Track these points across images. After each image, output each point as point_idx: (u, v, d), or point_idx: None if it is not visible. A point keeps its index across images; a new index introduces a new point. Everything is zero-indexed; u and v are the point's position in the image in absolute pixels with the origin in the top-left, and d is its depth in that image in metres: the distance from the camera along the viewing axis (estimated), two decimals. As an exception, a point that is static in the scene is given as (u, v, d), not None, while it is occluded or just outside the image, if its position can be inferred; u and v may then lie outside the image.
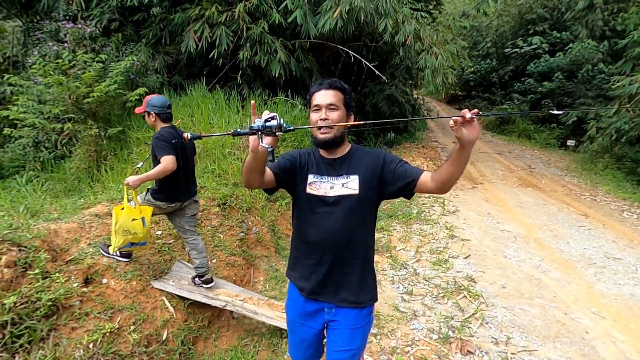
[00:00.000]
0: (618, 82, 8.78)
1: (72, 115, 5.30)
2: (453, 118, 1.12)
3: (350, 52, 7.24)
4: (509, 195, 6.55)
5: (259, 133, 1.09)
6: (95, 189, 4.87)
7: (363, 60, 7.30)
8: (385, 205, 5.45)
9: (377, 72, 7.07)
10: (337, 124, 1.34)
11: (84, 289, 2.11)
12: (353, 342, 1.43)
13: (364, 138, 9.96)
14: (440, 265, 3.56)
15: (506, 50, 17.27)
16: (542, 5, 16.53)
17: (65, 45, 5.88)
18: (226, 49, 6.35)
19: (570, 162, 10.49)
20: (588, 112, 11.35)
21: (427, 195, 6.15)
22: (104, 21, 6.48)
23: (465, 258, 3.81)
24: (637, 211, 6.03)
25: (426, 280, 3.27)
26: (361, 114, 10.57)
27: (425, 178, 1.33)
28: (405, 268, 3.48)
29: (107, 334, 1.94)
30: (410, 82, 12.14)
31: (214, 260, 3.13)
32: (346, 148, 1.45)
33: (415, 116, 12.98)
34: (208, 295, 2.49)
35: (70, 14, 6.51)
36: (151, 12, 6.69)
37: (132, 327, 2.09)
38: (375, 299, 1.48)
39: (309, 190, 1.40)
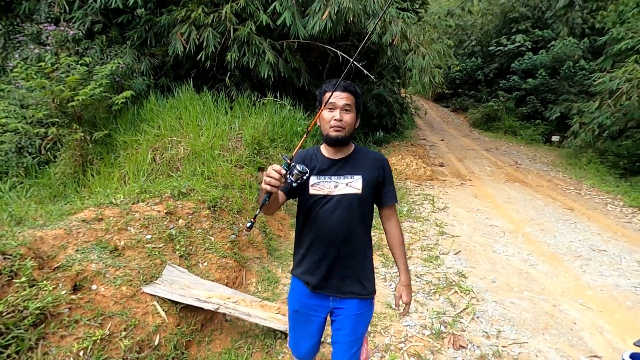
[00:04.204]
0: (599, 78, 9.00)
1: (56, 120, 5.19)
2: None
3: (338, 52, 7.26)
4: (497, 191, 6.65)
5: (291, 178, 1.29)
6: (82, 194, 4.78)
7: (351, 59, 7.32)
8: (375, 204, 5.49)
9: (365, 71, 7.11)
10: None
11: (73, 296, 2.07)
12: (358, 328, 1.55)
13: (353, 137, 9.99)
14: (431, 262, 3.60)
15: (491, 48, 17.55)
16: (524, 4, 16.84)
17: (48, 48, 5.75)
18: (213, 50, 6.30)
19: (555, 157, 10.71)
20: (571, 108, 11.60)
21: (417, 193, 6.22)
22: (87, 23, 6.37)
23: (455, 254, 3.86)
24: (620, 204, 6.19)
25: (418, 277, 3.30)
26: (350, 114, 10.61)
27: (385, 212, 1.61)
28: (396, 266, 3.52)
29: (98, 341, 1.91)
30: (398, 81, 12.23)
31: (205, 263, 3.11)
32: (350, 148, 1.56)
33: (404, 115, 13.09)
34: (200, 298, 2.47)
35: (52, 16, 6.38)
36: (136, 14, 6.60)
37: (123, 334, 2.06)
38: (375, 291, 1.61)
39: (312, 191, 1.49)
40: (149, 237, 3.00)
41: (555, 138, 12.79)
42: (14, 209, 3.68)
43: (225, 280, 3.08)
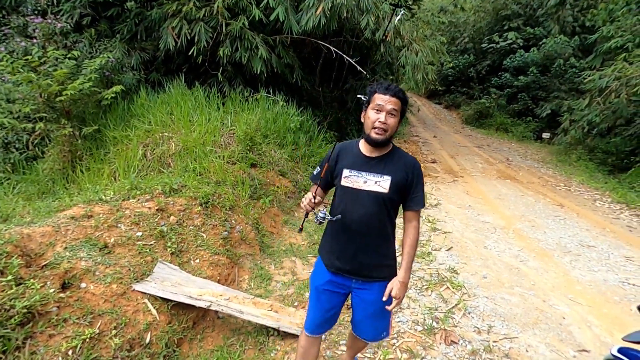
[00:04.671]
0: (589, 76, 9.11)
1: (44, 115, 5.09)
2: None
3: (331, 48, 7.22)
4: (489, 188, 6.71)
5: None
6: (71, 191, 4.70)
7: (344, 55, 7.30)
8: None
9: (358, 67, 7.08)
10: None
11: (61, 295, 2.04)
12: (376, 305, 1.69)
13: (346, 133, 9.99)
14: (423, 258, 3.62)
15: (483, 45, 17.64)
16: (515, 2, 16.94)
17: (35, 41, 5.62)
18: (205, 45, 6.22)
19: (545, 154, 10.84)
20: (562, 105, 11.73)
21: (409, 189, 6.24)
22: (76, 16, 6.23)
23: (447, 250, 3.88)
24: (608, 200, 6.30)
25: (410, 273, 3.32)
26: (343, 109, 10.60)
27: (408, 215, 1.69)
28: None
29: (87, 339, 1.88)
30: (392, 77, 12.23)
31: (197, 260, 3.08)
32: (387, 149, 1.65)
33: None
34: (192, 295, 2.45)
35: (39, 8, 6.23)
36: (125, 7, 6.47)
37: (114, 332, 2.04)
38: (396, 273, 1.70)
39: (343, 182, 1.64)
40: (139, 234, 2.96)
41: (545, 135, 12.94)
42: (0, 206, 3.60)
43: (218, 278, 3.05)
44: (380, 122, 1.52)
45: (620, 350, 1.48)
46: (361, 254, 1.65)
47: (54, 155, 5.53)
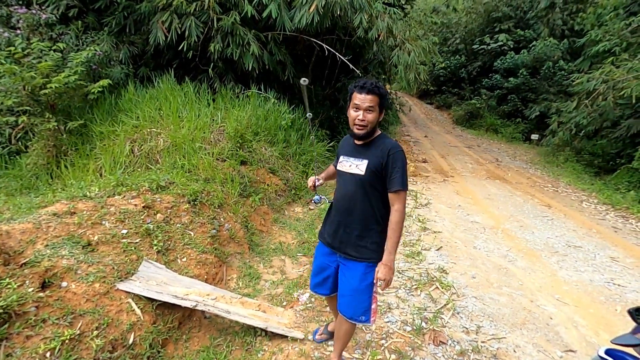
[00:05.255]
0: (577, 79, 9.24)
1: (27, 108, 4.94)
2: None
3: (324, 45, 7.18)
4: (478, 188, 6.76)
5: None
6: (54, 187, 4.59)
7: (337, 53, 7.27)
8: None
9: (351, 65, 7.06)
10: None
11: (41, 294, 1.96)
12: (355, 284, 1.84)
13: (337, 132, 9.97)
14: (413, 258, 3.62)
15: (474, 46, 17.78)
16: (507, 4, 17.12)
17: (18, 32, 5.46)
18: (196, 40, 6.12)
19: (534, 155, 10.98)
20: (550, 107, 11.89)
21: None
22: (62, 7, 6.07)
23: (437, 250, 3.89)
24: (594, 201, 6.40)
25: (400, 273, 3.31)
26: (335, 108, 10.57)
27: (390, 197, 1.75)
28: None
29: (67, 341, 1.81)
30: (384, 77, 12.25)
31: (184, 259, 3.02)
32: (373, 136, 1.82)
33: (389, 111, 13.13)
34: (178, 295, 2.39)
35: (23, -1, 6.05)
36: (116, 0, 6.32)
37: (95, 333, 1.97)
38: (378, 259, 1.78)
39: (339, 167, 1.92)
40: (124, 231, 2.89)
41: (534, 136, 13.11)
42: (-21, 202, 3.49)
43: (205, 277, 3.00)
44: (359, 119, 1.73)
45: (607, 352, 1.48)
46: (342, 232, 1.88)
47: (38, 150, 5.38)
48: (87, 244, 2.61)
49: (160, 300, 2.37)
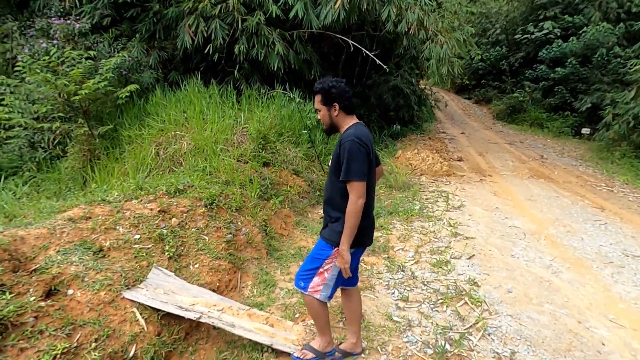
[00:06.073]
0: (635, 66, 8.29)
1: (61, 114, 5.17)
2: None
3: (349, 41, 6.94)
4: (519, 188, 6.22)
5: None
6: (87, 190, 4.73)
7: (363, 49, 7.00)
8: (386, 202, 5.20)
9: (377, 61, 6.78)
10: None
11: (42, 303, 1.94)
12: (309, 254, 2.10)
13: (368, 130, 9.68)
14: (440, 267, 3.31)
15: (516, 36, 16.66)
16: (553, -11, 15.85)
17: (55, 42, 5.73)
18: (222, 43, 6.14)
19: (585, 151, 10.04)
20: (604, 98, 10.83)
21: (431, 189, 5.88)
22: (96, 17, 6.32)
23: (468, 259, 3.55)
24: (657, 203, 5.66)
25: (424, 285, 3.03)
26: (366, 106, 10.29)
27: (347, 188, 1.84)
28: (402, 271, 3.24)
29: (60, 354, 1.76)
30: (417, 72, 11.77)
31: (196, 265, 2.94)
32: (343, 131, 1.93)
33: (422, 107, 12.62)
34: (182, 306, 2.30)
35: (62, 10, 6.36)
36: (145, 7, 6.49)
37: (93, 345, 1.91)
38: (333, 243, 1.91)
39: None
40: (137, 237, 2.85)
41: (585, 130, 12.01)
42: (9, 206, 3.64)
43: (217, 284, 2.90)
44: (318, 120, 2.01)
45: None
46: (325, 217, 2.06)
47: (74, 154, 5.61)
48: (99, 249, 2.60)
49: (164, 311, 2.28)
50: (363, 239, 1.94)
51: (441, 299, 2.83)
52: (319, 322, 2.11)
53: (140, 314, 2.24)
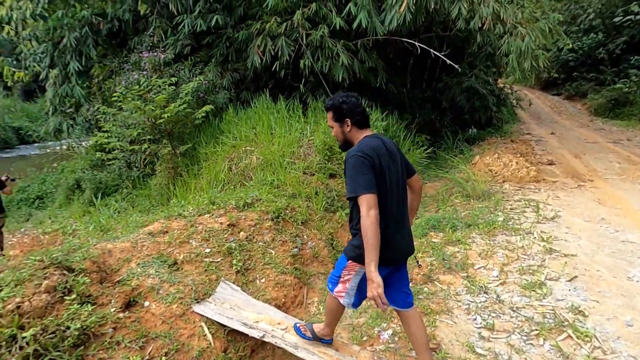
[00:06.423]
0: None
1: (149, 137, 5.74)
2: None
3: (416, 43, 6.63)
4: (631, 194, 5.21)
5: None
6: (170, 205, 5.12)
7: (431, 50, 6.62)
8: (463, 213, 4.73)
9: (448, 61, 6.36)
10: None
11: (120, 315, 2.05)
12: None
13: (440, 137, 9.11)
14: (533, 291, 2.83)
15: (616, 19, 14.45)
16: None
17: (144, 72, 6.44)
18: (288, 59, 6.32)
19: None
20: None
21: (516, 198, 5.21)
22: (178, 47, 6.99)
23: (569, 281, 2.98)
24: None
25: (513, 311, 2.60)
26: (437, 111, 9.75)
27: None
28: (485, 293, 2.84)
29: (133, 367, 1.83)
30: (493, 70, 10.84)
31: (262, 280, 2.94)
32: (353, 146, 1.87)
33: (502, 107, 11.55)
34: (247, 323, 2.27)
35: (151, 44, 7.16)
36: (220, 34, 7.00)
37: (164, 359, 1.97)
38: (352, 256, 1.85)
39: None
40: (207, 250, 2.95)
41: None
42: (105, 220, 4.07)
43: (283, 300, 2.86)
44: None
45: None
46: None
47: (161, 172, 6.18)
48: (173, 262, 2.73)
49: (231, 327, 2.28)
50: (386, 254, 1.69)
51: (536, 329, 2.39)
52: (330, 316, 2.13)
53: (208, 328, 2.27)
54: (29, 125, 20.81)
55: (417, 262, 2.51)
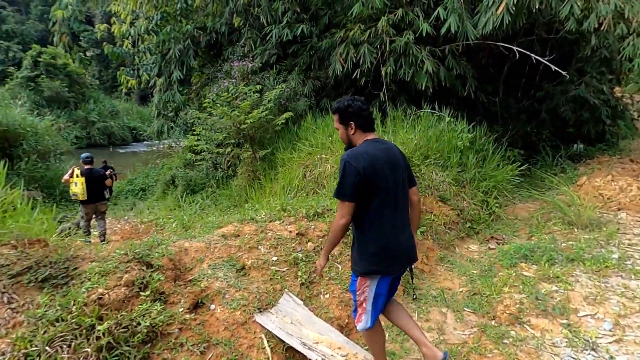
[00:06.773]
0: None
1: (233, 141, 6.10)
2: None
3: (515, 49, 5.94)
4: None
5: None
6: (247, 206, 5.33)
7: (534, 56, 5.88)
8: (564, 244, 4.04)
9: (553, 67, 5.58)
10: None
11: (187, 316, 2.11)
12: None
13: (536, 152, 8.07)
14: None
15: None
16: None
17: (233, 80, 6.88)
18: (369, 66, 6.21)
19: None
20: None
21: (636, 231, 4.29)
22: (265, 57, 7.36)
23: None
24: None
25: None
26: (534, 123, 8.68)
27: None
28: (593, 350, 2.31)
29: (192, 372, 1.84)
30: (609, 77, 9.28)
31: (327, 296, 2.82)
32: None
33: (618, 121, 9.83)
34: (306, 343, 2.17)
35: (241, 54, 7.67)
36: (305, 42, 7.19)
37: (222, 367, 1.96)
38: (356, 270, 1.90)
39: None
40: (275, 258, 2.94)
41: None
42: (187, 218, 4.36)
43: (346, 320, 2.70)
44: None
45: None
46: None
47: (242, 174, 6.52)
48: (242, 267, 2.77)
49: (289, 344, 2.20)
50: (381, 267, 1.82)
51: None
52: (372, 348, 2.09)
53: (268, 341, 2.22)
54: (141, 126, 24.18)
55: (414, 295, 2.55)
